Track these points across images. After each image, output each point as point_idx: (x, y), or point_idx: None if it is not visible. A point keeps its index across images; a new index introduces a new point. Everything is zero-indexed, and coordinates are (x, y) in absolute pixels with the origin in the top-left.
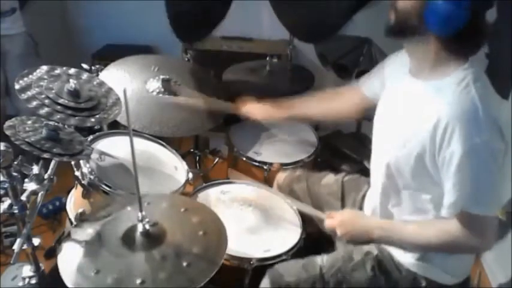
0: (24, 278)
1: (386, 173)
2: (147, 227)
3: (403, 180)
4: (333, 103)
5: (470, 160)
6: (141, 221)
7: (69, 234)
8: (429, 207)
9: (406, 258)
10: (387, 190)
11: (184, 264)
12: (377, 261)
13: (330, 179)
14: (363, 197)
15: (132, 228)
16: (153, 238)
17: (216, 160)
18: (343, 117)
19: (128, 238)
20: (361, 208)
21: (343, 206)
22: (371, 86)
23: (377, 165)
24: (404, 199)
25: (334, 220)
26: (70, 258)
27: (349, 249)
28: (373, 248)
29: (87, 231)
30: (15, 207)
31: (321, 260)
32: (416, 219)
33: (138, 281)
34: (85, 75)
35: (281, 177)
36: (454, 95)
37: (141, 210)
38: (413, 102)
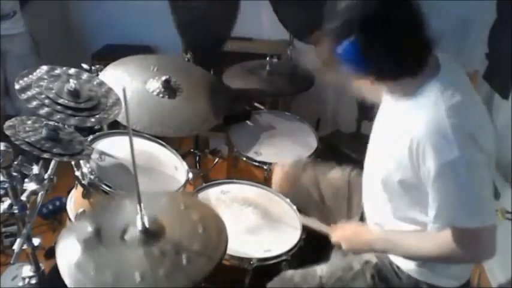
0: (24, 278)
1: (379, 188)
2: (146, 223)
3: (395, 195)
4: None
5: (445, 176)
6: (140, 217)
7: (67, 231)
8: (422, 218)
9: (406, 265)
10: (380, 204)
11: (184, 260)
12: (377, 270)
13: (336, 174)
14: None
15: (131, 225)
16: (152, 234)
17: (216, 160)
18: None
19: (127, 234)
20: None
21: (349, 204)
22: None
23: (369, 181)
24: (397, 210)
25: (338, 235)
26: (69, 255)
27: (349, 259)
28: (372, 257)
29: (86, 228)
30: (15, 207)
31: (321, 270)
32: (412, 230)
33: (138, 277)
34: (85, 75)
35: (286, 165)
36: (422, 114)
37: (140, 206)
38: (394, 122)
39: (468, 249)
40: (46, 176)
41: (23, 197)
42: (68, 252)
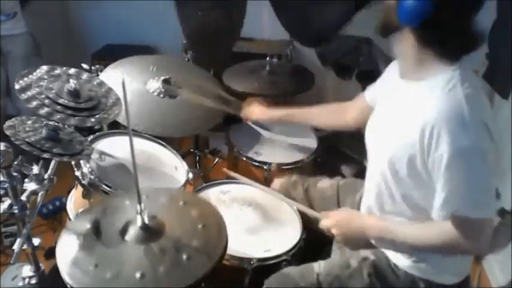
0: (24, 278)
1: (382, 176)
2: (146, 220)
3: (398, 182)
4: (336, 116)
5: (459, 162)
6: (140, 214)
7: (67, 229)
8: (424, 208)
9: (403, 261)
10: (382, 193)
11: (184, 257)
12: (374, 267)
13: (325, 183)
14: (361, 198)
15: (131, 222)
16: (152, 231)
17: (216, 160)
18: (346, 128)
19: (126, 232)
20: (358, 210)
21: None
22: (373, 94)
23: (372, 168)
24: (399, 200)
25: (329, 220)
26: (68, 253)
27: (346, 256)
28: (369, 254)
29: (85, 226)
30: (15, 207)
31: (318, 267)
32: (413, 220)
33: (138, 275)
34: (85, 75)
35: (277, 183)
36: (440, 97)
37: (139, 204)
38: (403, 105)
39: (469, 239)
40: (46, 176)
41: (23, 197)
42: (68, 250)
